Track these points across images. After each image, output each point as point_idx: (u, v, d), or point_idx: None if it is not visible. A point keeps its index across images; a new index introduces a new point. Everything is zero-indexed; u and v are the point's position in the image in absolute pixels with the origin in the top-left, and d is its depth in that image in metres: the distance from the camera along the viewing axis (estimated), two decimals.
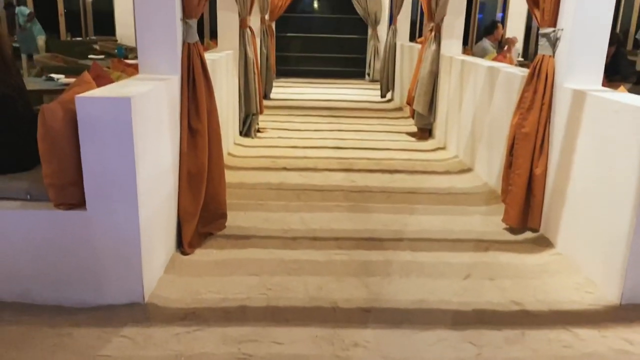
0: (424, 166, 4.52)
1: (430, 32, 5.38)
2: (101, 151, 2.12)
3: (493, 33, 6.81)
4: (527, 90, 3.01)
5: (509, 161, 3.14)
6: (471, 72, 4.44)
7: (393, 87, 7.95)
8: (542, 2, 2.93)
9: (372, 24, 10.33)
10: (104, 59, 6.08)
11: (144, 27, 2.79)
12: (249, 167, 4.34)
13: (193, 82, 2.87)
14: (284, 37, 10.60)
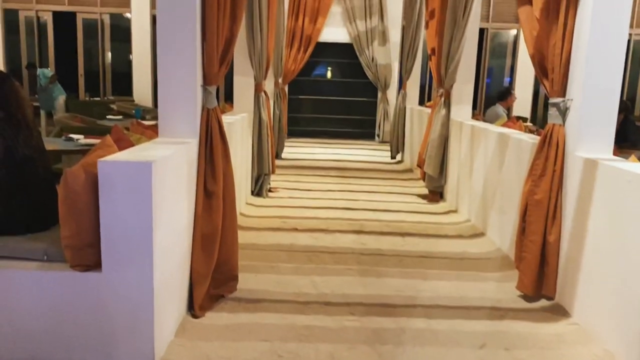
0: (436, 229, 4.52)
1: (440, 97, 5.51)
2: (120, 213, 2.16)
3: (506, 99, 6.94)
4: (539, 158, 3.05)
5: (522, 228, 3.14)
6: (481, 137, 4.51)
7: (403, 149, 8.06)
8: (551, 72, 3.02)
9: (381, 88, 10.59)
10: (121, 119, 6.25)
11: (165, 93, 2.90)
12: (260, 228, 4.36)
13: (211, 145, 2.94)
14: (296, 99, 10.88)
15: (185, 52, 2.87)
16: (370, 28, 10.49)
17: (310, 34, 10.42)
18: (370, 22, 10.47)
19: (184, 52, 2.87)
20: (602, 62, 2.85)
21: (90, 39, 11.18)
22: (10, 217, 2.45)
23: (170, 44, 2.86)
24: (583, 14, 2.86)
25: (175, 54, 2.87)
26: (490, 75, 12.94)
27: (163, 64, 2.89)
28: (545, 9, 3.02)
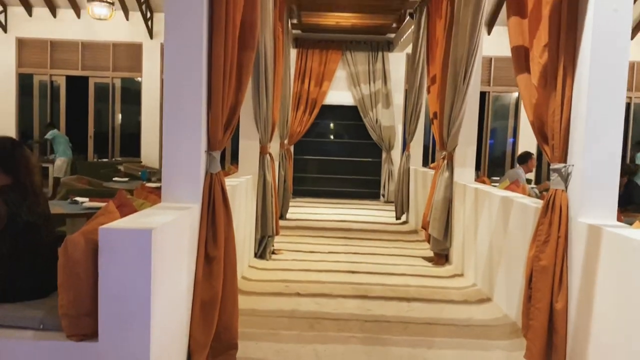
0: (442, 294, 4.43)
1: (443, 160, 5.55)
2: (119, 280, 2.14)
3: (527, 163, 6.90)
4: (542, 223, 3.03)
5: (528, 294, 3.07)
6: (485, 200, 4.51)
7: (408, 210, 8.04)
8: (551, 138, 3.05)
9: (386, 149, 10.72)
10: (127, 181, 6.30)
11: (169, 158, 2.94)
12: (262, 292, 4.29)
13: (213, 210, 2.95)
14: (302, 159, 11.00)
15: (191, 118, 2.93)
16: (374, 91, 10.75)
17: (315, 97, 10.68)
18: (374, 85, 10.73)
19: (190, 118, 2.93)
20: (602, 127, 2.88)
21: (101, 102, 11.48)
22: (10, 285, 2.43)
23: (177, 110, 2.93)
24: (580, 82, 2.92)
25: (181, 120, 2.93)
26: (493, 136, 13.07)
27: (169, 129, 2.94)
28: (543, 77, 3.08)
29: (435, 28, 6.41)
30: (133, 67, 11.05)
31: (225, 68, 3.05)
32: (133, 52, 11.01)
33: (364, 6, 8.58)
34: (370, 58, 10.73)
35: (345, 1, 8.37)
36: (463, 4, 5.06)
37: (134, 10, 10.62)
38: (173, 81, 2.92)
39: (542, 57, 3.09)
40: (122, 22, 10.74)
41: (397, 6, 8.45)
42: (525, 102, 3.29)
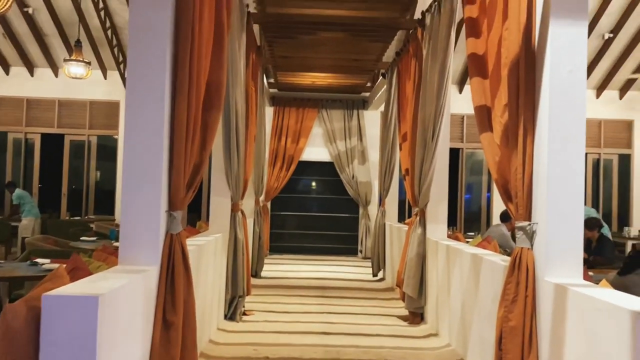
0: (415, 356, 4.30)
1: (416, 216, 5.54)
2: (62, 352, 2.01)
3: (510, 221, 6.80)
4: (510, 282, 2.98)
5: (499, 357, 2.98)
6: (457, 257, 4.46)
7: (384, 266, 7.95)
8: (515, 196, 3.05)
9: (363, 204, 10.73)
10: (95, 240, 6.15)
11: (128, 218, 2.86)
12: (230, 357, 4.12)
13: (172, 273, 2.85)
14: (279, 215, 10.93)
15: (151, 177, 2.88)
16: (350, 148, 10.86)
17: (292, 154, 10.74)
18: (350, 142, 10.86)
19: (150, 177, 2.88)
20: (563, 184, 2.89)
21: (76, 159, 11.39)
22: None
23: (136, 168, 2.88)
24: (540, 140, 2.96)
25: (140, 179, 2.87)
26: (469, 191, 13.20)
27: (127, 188, 2.88)
28: (504, 136, 3.12)
29: (405, 87, 6.56)
30: (110, 125, 11.06)
31: (189, 127, 3.03)
32: (110, 109, 11.05)
33: (339, 67, 8.80)
34: (346, 115, 10.91)
35: (320, 62, 8.57)
36: (430, 64, 5.20)
37: (112, 70, 10.73)
38: (133, 139, 2.89)
39: (503, 116, 3.15)
40: (100, 81, 10.82)
41: (371, 67, 8.68)
42: (488, 160, 3.31)
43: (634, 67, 10.36)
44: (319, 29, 6.83)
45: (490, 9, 3.56)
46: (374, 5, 6.03)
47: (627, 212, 11.30)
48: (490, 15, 3.55)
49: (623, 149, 11.23)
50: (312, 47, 7.65)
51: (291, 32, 6.98)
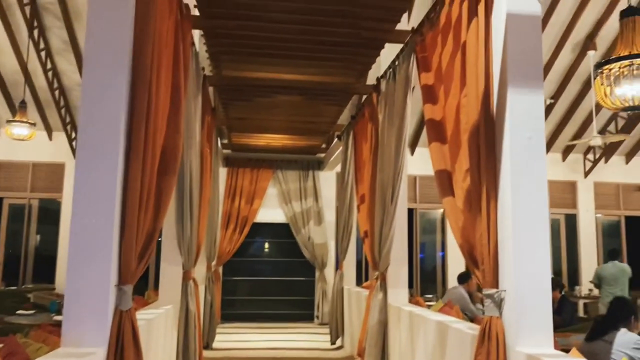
0: None
1: (376, 281, 5.41)
2: None
3: (468, 282, 6.73)
4: (480, 353, 2.88)
5: None
6: (421, 324, 4.34)
7: (343, 333, 7.70)
8: (481, 263, 3.00)
9: (319, 267, 10.53)
10: (34, 314, 5.67)
11: (73, 293, 2.62)
12: None
13: (121, 355, 2.59)
14: (231, 281, 10.55)
15: (100, 247, 2.67)
16: (305, 209, 10.76)
17: (246, 215, 10.53)
18: (306, 203, 10.77)
19: (99, 247, 2.67)
20: (529, 250, 2.87)
21: (15, 222, 10.75)
22: None
23: (84, 237, 2.67)
24: (504, 205, 2.95)
25: (88, 249, 2.66)
26: (423, 250, 13.27)
27: (73, 259, 2.65)
28: (467, 201, 3.11)
29: (362, 150, 6.60)
30: (54, 188, 10.57)
31: (142, 194, 2.86)
32: (55, 172, 10.60)
33: (295, 129, 8.83)
34: (302, 176, 10.87)
35: (276, 124, 8.58)
36: (387, 128, 5.25)
37: (58, 131, 10.39)
38: (82, 206, 2.69)
39: (465, 181, 3.14)
40: (45, 142, 10.42)
41: (326, 129, 8.75)
42: (452, 225, 3.27)
43: (575, 130, 10.92)
44: (276, 92, 6.86)
45: (447, 77, 3.64)
46: (330, 70, 6.12)
47: (576, 272, 11.57)
48: (447, 82, 3.63)
49: (569, 209, 11.64)
50: (268, 109, 7.66)
51: (247, 94, 6.98)
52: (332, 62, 5.83)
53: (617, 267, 8.39)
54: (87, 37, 2.82)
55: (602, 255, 11.45)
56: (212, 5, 4.55)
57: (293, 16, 4.75)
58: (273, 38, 5.19)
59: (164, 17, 3.21)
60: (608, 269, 8.46)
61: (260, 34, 5.11)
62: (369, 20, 4.81)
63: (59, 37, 8.85)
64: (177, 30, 3.59)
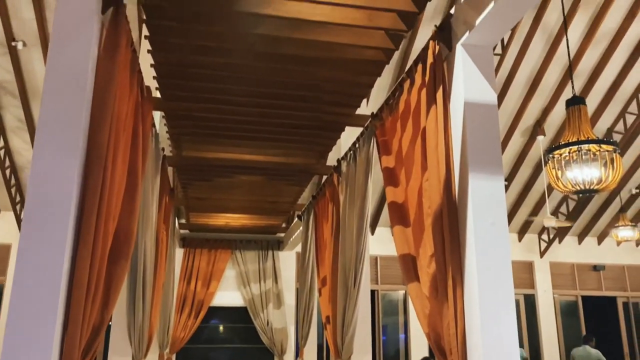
0: None
1: None
2: None
3: None
4: None
5: None
6: None
7: None
8: (450, 353, 2.88)
9: (278, 354, 10.07)
10: None
11: None
12: None
13: None
14: None
15: (39, 342, 2.42)
16: (264, 291, 10.44)
17: (202, 298, 10.11)
18: (265, 285, 10.47)
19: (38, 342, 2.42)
20: (497, 339, 2.78)
21: None
22: None
23: (21, 332, 2.42)
24: (471, 293, 2.88)
25: (25, 346, 2.40)
26: (385, 333, 12.96)
27: (7, 355, 2.39)
28: (433, 287, 3.03)
29: (323, 230, 6.52)
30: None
31: (91, 283, 2.66)
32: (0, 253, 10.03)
33: (254, 208, 8.73)
34: (261, 257, 10.63)
35: (236, 204, 8.46)
36: (348, 209, 5.22)
37: (6, 210, 9.94)
38: (21, 295, 2.46)
39: (430, 266, 3.08)
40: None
41: (286, 208, 8.69)
42: (418, 312, 3.17)
43: (529, 211, 11.23)
44: (236, 173, 6.81)
45: (408, 161, 3.68)
46: (291, 152, 6.14)
47: (537, 352, 11.48)
48: (408, 166, 3.66)
49: (527, 289, 11.71)
50: (228, 189, 7.57)
51: (207, 175, 6.90)
52: (293, 143, 5.87)
53: (587, 351, 8.64)
54: (40, 115, 2.71)
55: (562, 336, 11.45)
56: (174, 88, 4.56)
57: (255, 100, 4.80)
58: (235, 120, 5.20)
59: (124, 98, 3.16)
60: (579, 352, 8.70)
61: (222, 117, 5.12)
62: (329, 104, 4.90)
63: (15, 115, 8.69)
64: (137, 112, 3.54)
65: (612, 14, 8.17)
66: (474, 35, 3.11)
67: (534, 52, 8.65)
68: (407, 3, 3.42)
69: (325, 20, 3.66)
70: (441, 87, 3.23)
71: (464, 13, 3.14)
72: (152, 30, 3.74)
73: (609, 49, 8.65)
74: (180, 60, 4.15)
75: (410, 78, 3.74)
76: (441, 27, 3.31)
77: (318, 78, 4.45)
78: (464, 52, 3.20)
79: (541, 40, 8.52)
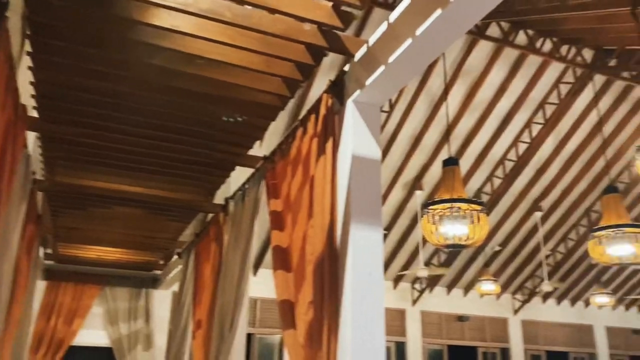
0: None
1: None
2: None
3: None
4: None
5: None
6: None
7: None
8: None
9: None
10: None
11: None
12: None
13: None
14: None
15: None
16: (134, 331, 9.81)
17: (63, 337, 9.26)
18: (135, 324, 9.85)
19: None
20: None
21: None
22: None
23: None
24: (344, 344, 2.92)
25: None
26: None
27: None
28: (308, 335, 3.04)
29: (203, 270, 6.32)
30: None
31: None
32: None
33: (130, 242, 8.26)
34: (133, 294, 10.01)
35: (110, 236, 7.96)
36: (231, 250, 5.13)
37: None
38: None
39: (307, 314, 3.10)
40: None
41: (166, 245, 8.33)
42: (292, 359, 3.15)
43: (404, 260, 11.78)
44: (114, 204, 6.44)
45: (295, 206, 3.72)
46: (176, 187, 5.96)
47: None
48: (295, 211, 3.70)
49: (399, 337, 12.14)
50: (104, 220, 7.12)
51: (81, 203, 6.45)
52: (179, 178, 5.71)
53: None
54: None
55: None
56: (54, 109, 4.27)
57: (144, 130, 4.63)
58: (119, 149, 4.96)
59: None
60: None
61: (105, 144, 4.86)
62: (222, 143, 4.87)
63: None
64: (9, 131, 3.26)
65: (487, 87, 9.08)
66: (364, 93, 3.29)
67: (418, 112, 9.31)
68: (304, 55, 3.55)
69: (223, 60, 3.67)
70: (331, 139, 3.35)
71: (357, 72, 3.32)
72: (36, 48, 3.51)
73: (481, 118, 9.55)
74: (64, 82, 3.92)
75: (303, 126, 3.84)
76: (335, 82, 3.46)
77: (212, 115, 4.41)
78: (354, 108, 3.36)
79: (424, 103, 9.21)
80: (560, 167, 10.74)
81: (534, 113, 9.79)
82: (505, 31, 8.41)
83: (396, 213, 10.85)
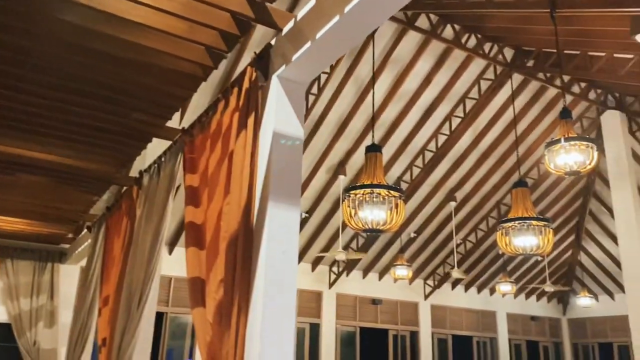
0: None
1: None
2: None
3: None
4: None
5: None
6: None
7: None
8: None
9: None
10: None
11: None
12: None
13: None
14: None
15: None
16: (36, 307, 9.26)
17: None
18: (38, 300, 9.29)
19: None
20: None
21: None
22: None
23: None
24: (254, 323, 2.87)
25: None
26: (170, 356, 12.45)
27: None
28: (218, 314, 2.96)
29: (113, 245, 6.03)
30: None
31: None
32: None
33: (35, 213, 7.73)
34: (37, 268, 9.41)
35: (13, 205, 7.41)
36: (144, 226, 4.91)
37: None
38: None
39: (217, 292, 3.01)
40: None
41: (75, 217, 7.88)
42: (199, 339, 3.06)
43: (324, 243, 11.90)
44: (17, 170, 5.98)
45: (212, 181, 3.60)
46: (88, 156, 5.61)
47: None
48: (212, 187, 3.58)
49: (314, 319, 12.31)
50: (5, 187, 6.60)
51: None
52: (91, 147, 5.37)
53: None
54: None
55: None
56: None
57: (55, 93, 4.29)
58: (26, 112, 4.59)
59: None
60: None
61: (10, 105, 4.47)
62: (138, 111, 4.62)
63: None
64: None
65: (412, 77, 9.27)
66: (290, 69, 3.21)
67: (345, 98, 9.35)
68: (230, 24, 3.41)
69: (143, 22, 3.45)
70: (253, 114, 3.25)
71: (283, 47, 3.24)
72: None
73: (406, 107, 9.76)
74: None
75: (225, 99, 3.70)
76: (260, 55, 3.35)
77: (129, 81, 4.17)
78: (278, 84, 3.28)
79: (352, 89, 9.26)
80: (475, 160, 11.23)
81: (455, 106, 10.13)
82: (434, 24, 8.59)
83: (319, 196, 10.91)
